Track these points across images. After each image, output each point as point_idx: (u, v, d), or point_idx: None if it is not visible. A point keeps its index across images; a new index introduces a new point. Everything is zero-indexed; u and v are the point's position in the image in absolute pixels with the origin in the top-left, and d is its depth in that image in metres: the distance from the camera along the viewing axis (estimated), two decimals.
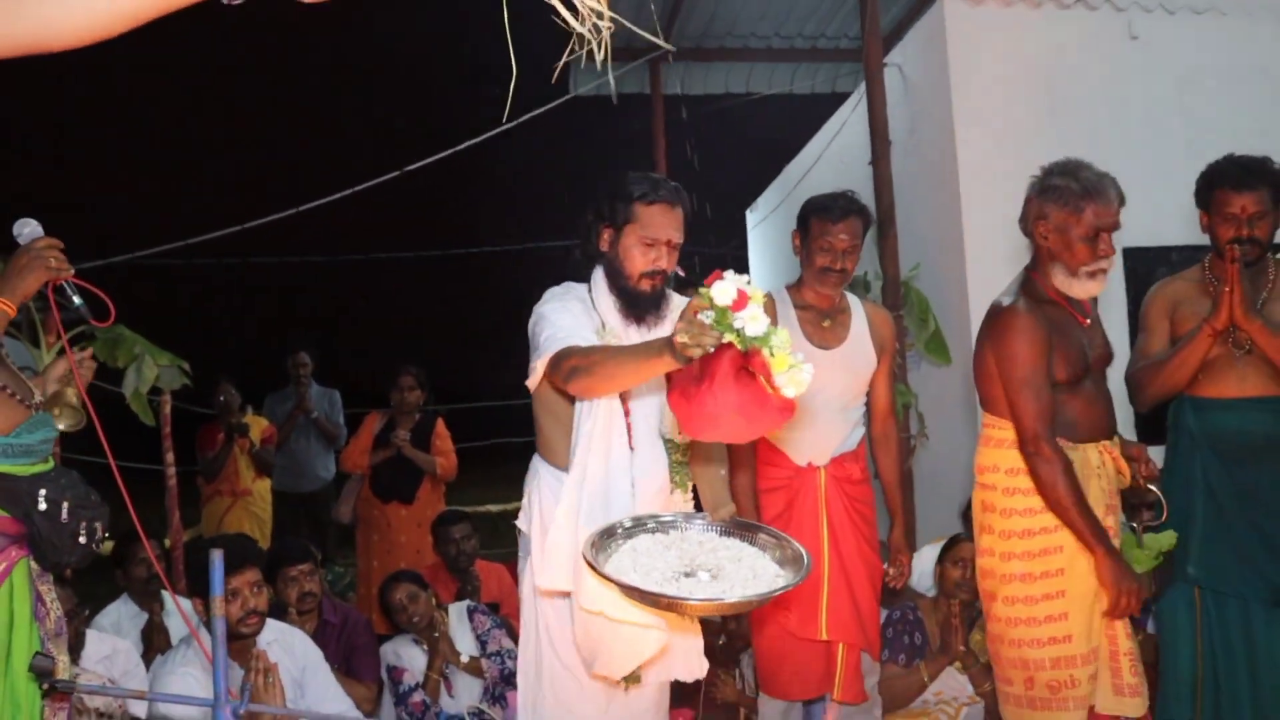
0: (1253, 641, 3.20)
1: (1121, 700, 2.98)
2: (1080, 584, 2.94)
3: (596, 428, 2.64)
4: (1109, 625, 3.00)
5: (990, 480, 3.07)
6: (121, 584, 4.59)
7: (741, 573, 2.43)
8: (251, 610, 3.41)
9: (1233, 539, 3.18)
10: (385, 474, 6.01)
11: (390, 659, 4.44)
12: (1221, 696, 3.22)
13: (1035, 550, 2.97)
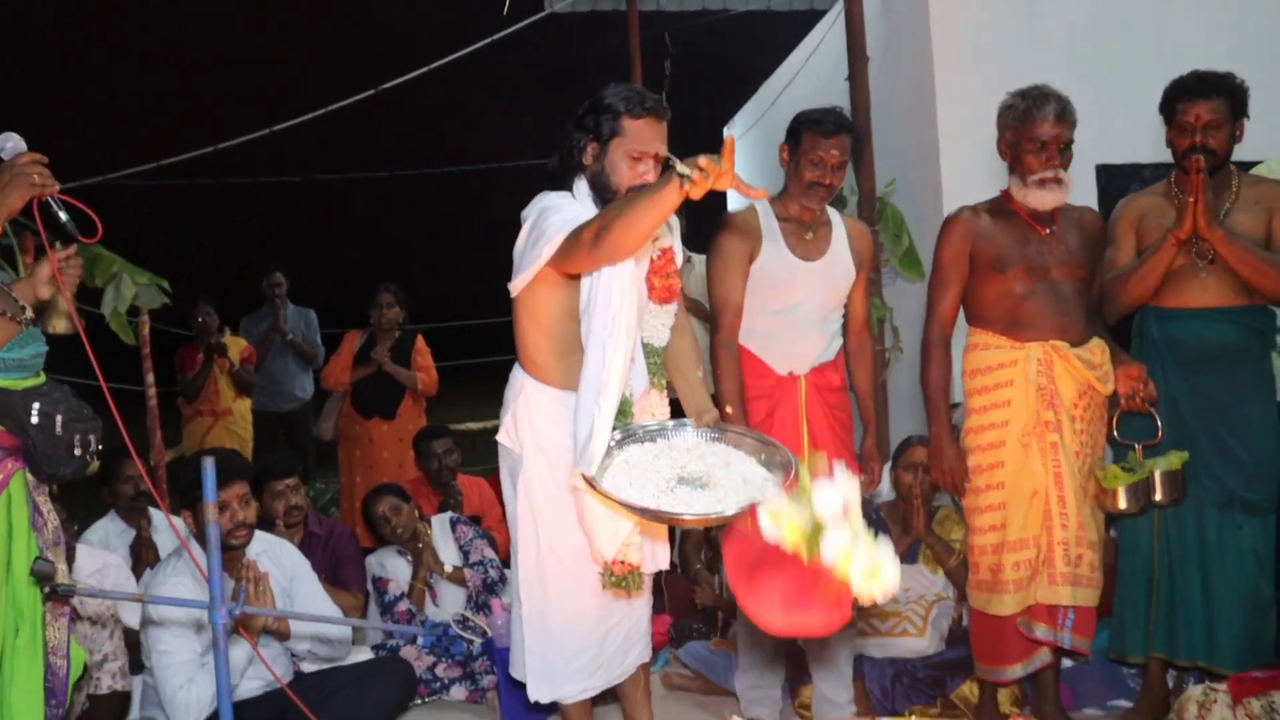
0: (1205, 542, 3.34)
1: (1055, 589, 3.24)
2: (1017, 479, 3.27)
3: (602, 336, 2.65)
4: (1045, 519, 3.25)
5: (964, 383, 3.38)
6: (108, 501, 4.66)
7: (732, 478, 2.52)
8: (240, 523, 3.48)
9: (1192, 446, 3.29)
10: (366, 390, 6.05)
11: (375, 570, 4.54)
12: (1175, 594, 3.37)
13: (983, 445, 3.33)
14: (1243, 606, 3.33)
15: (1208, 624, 3.34)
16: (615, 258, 2.55)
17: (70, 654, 2.77)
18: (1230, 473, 3.32)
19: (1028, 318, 3.27)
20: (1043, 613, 3.27)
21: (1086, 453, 3.28)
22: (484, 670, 4.14)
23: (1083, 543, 3.23)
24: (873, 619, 3.82)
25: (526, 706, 3.71)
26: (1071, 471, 3.23)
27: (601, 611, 2.95)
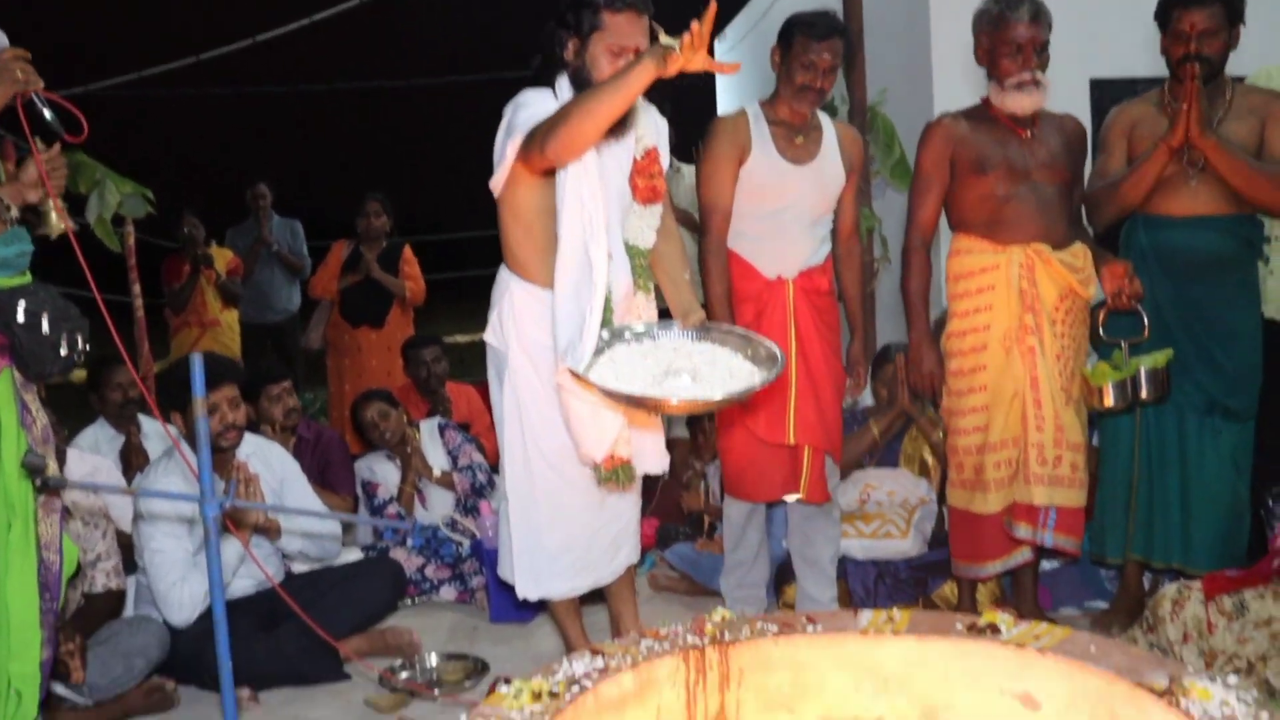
0: (1185, 448, 3.40)
1: (1030, 489, 3.32)
2: (999, 382, 3.32)
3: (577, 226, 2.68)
4: (1023, 420, 3.30)
5: (947, 289, 3.41)
6: (97, 408, 4.66)
7: (719, 373, 2.55)
8: (230, 425, 3.50)
9: (1175, 353, 3.32)
10: (354, 299, 6.05)
11: (364, 474, 4.58)
12: (1154, 498, 3.43)
13: (965, 349, 3.38)
14: (1219, 511, 3.40)
15: (1184, 527, 3.41)
16: (570, 149, 2.53)
17: (63, 550, 2.80)
18: (1212, 380, 3.36)
19: (1009, 220, 3.30)
20: (1024, 512, 3.33)
21: (1068, 356, 3.31)
22: (473, 571, 4.20)
23: (1061, 444, 3.28)
24: (856, 520, 3.88)
25: (515, 606, 3.78)
26: (1049, 375, 3.27)
27: (588, 510, 2.99)
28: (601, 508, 3.02)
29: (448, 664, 3.57)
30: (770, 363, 2.56)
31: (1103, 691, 1.83)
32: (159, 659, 3.41)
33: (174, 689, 3.38)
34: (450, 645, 3.77)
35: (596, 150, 2.72)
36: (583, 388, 2.60)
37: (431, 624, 3.97)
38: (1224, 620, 2.90)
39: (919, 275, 3.43)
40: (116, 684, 3.29)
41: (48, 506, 2.68)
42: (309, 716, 3.26)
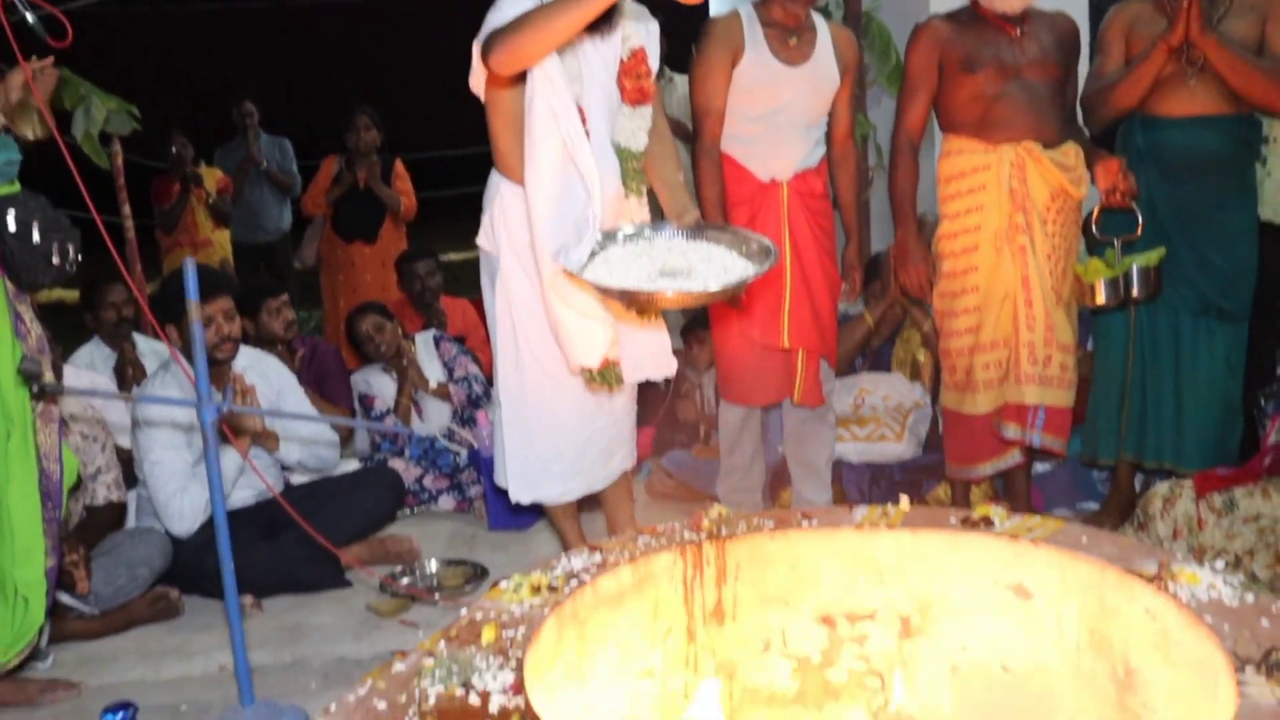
0: (1179, 349, 3.42)
1: (1021, 389, 3.34)
2: (991, 283, 3.33)
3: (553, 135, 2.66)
4: (1014, 321, 3.31)
5: (938, 191, 3.42)
6: (91, 327, 4.67)
7: (713, 269, 2.55)
8: (225, 336, 3.50)
9: (1171, 254, 3.32)
10: (347, 214, 6.01)
11: (361, 387, 4.59)
12: (1147, 398, 3.46)
13: (957, 250, 3.38)
14: (1212, 411, 3.43)
15: (1177, 427, 3.44)
16: (513, 62, 2.50)
17: (63, 460, 2.83)
18: (1207, 281, 3.37)
19: (1000, 118, 3.28)
20: (1013, 413, 3.36)
21: (1059, 256, 3.31)
22: (470, 481, 4.24)
23: (1052, 344, 3.30)
24: (851, 424, 3.91)
25: (513, 513, 3.83)
26: (1040, 275, 3.27)
27: (581, 415, 3.01)
28: (595, 412, 3.03)
29: (447, 569, 3.62)
30: (764, 256, 2.55)
31: (1093, 579, 1.86)
32: (162, 568, 3.45)
33: (178, 597, 3.43)
34: (449, 553, 3.82)
35: (561, 56, 2.67)
36: (578, 286, 2.61)
37: (430, 533, 4.02)
38: (1214, 517, 2.95)
39: (906, 176, 3.42)
40: (121, 593, 3.34)
41: (46, 416, 2.69)
42: (311, 622, 3.32)
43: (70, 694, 2.90)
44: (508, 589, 1.86)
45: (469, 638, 1.68)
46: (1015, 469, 3.50)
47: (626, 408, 3.17)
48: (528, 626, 1.71)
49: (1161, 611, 1.70)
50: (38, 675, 3.02)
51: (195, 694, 2.87)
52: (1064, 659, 1.93)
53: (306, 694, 2.79)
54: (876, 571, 2.10)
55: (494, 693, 1.48)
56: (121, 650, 3.21)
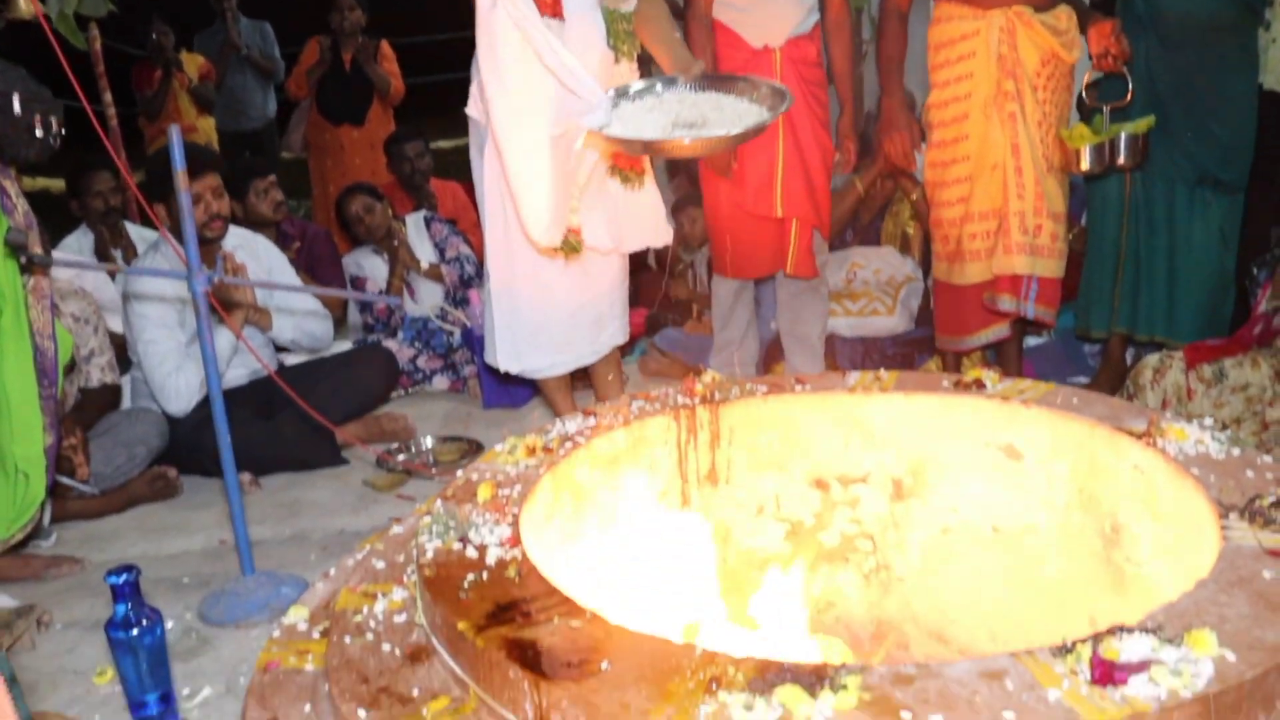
0: (1174, 220, 3.40)
1: (1011, 259, 3.31)
2: (981, 151, 3.28)
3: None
4: (1004, 189, 3.28)
5: (928, 59, 3.36)
6: (78, 214, 4.62)
7: (725, 117, 2.55)
8: (215, 215, 3.45)
9: (1168, 123, 3.28)
10: (334, 97, 5.91)
11: (352, 269, 4.57)
12: (1140, 270, 3.46)
13: (947, 119, 3.33)
14: (1205, 283, 3.43)
15: (1169, 299, 3.45)
16: None
17: (57, 337, 2.82)
18: (1204, 150, 3.33)
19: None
20: (1006, 284, 3.35)
21: (1050, 123, 3.26)
22: (464, 361, 4.25)
23: (1042, 213, 3.27)
24: (843, 299, 3.91)
25: (507, 392, 3.85)
26: (1030, 142, 3.23)
27: (570, 287, 3.01)
28: (584, 283, 3.04)
29: (443, 445, 3.65)
30: (778, 99, 2.55)
31: (1083, 438, 1.88)
32: (159, 448, 3.47)
33: (176, 477, 3.45)
34: (444, 431, 3.84)
35: None
36: (599, 142, 2.63)
37: (425, 412, 4.04)
38: (1203, 387, 2.96)
39: (893, 44, 3.36)
40: (120, 472, 3.36)
41: (37, 293, 2.67)
42: (309, 498, 3.35)
43: (74, 569, 2.94)
44: (503, 451, 1.88)
45: (465, 496, 1.70)
46: (1007, 342, 3.51)
47: (618, 281, 3.17)
48: (523, 485, 1.73)
49: (1150, 466, 1.72)
50: (42, 552, 3.06)
51: (197, 567, 2.91)
52: (1053, 518, 1.96)
53: (306, 565, 2.83)
54: (869, 435, 2.12)
55: (491, 545, 1.50)
56: (123, 528, 3.24)
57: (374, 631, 1.49)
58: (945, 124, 3.35)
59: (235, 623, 2.50)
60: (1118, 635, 1.12)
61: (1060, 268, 3.33)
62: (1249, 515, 1.44)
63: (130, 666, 1.99)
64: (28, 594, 2.76)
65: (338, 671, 1.40)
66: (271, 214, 4.39)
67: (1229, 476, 1.58)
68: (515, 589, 1.37)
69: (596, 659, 1.18)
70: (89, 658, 2.42)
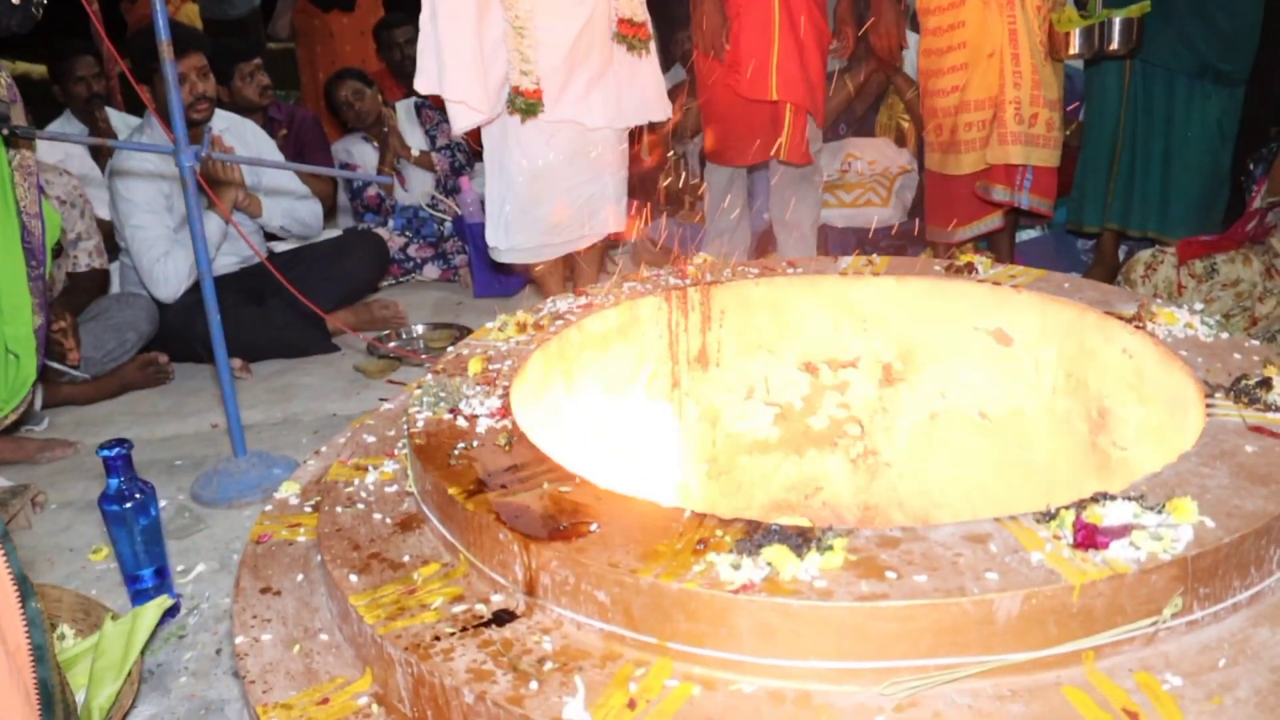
0: (1172, 113, 3.36)
1: (1006, 149, 3.29)
2: (979, 38, 3.24)
3: None
4: (1000, 78, 3.24)
5: None
6: (62, 101, 4.53)
7: None
8: (200, 95, 3.39)
9: (1171, 11, 3.22)
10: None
11: (342, 156, 4.52)
12: (1136, 165, 3.43)
13: (944, 5, 3.28)
14: (1200, 178, 3.41)
15: (1164, 195, 3.43)
16: None
17: (44, 217, 2.79)
18: (1208, 41, 3.28)
19: None
20: (1000, 174, 3.33)
21: (1048, 9, 3.20)
22: (455, 250, 4.23)
23: (1038, 101, 3.23)
24: (837, 189, 3.88)
25: (498, 280, 3.84)
26: (1028, 28, 3.18)
27: (562, 165, 2.99)
28: (579, 164, 3.02)
29: (433, 332, 3.65)
30: None
31: (1073, 322, 1.88)
32: (149, 333, 3.47)
33: (167, 362, 3.45)
34: (435, 319, 3.84)
35: None
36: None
37: (416, 300, 4.03)
38: (1194, 282, 2.97)
39: None
40: (110, 357, 3.36)
41: (23, 170, 2.64)
42: (300, 383, 3.36)
43: (67, 451, 2.96)
44: (494, 328, 1.88)
45: (456, 370, 1.71)
46: (999, 233, 3.50)
47: (616, 164, 3.15)
48: (514, 360, 1.73)
49: (1138, 350, 1.73)
50: (35, 436, 3.08)
51: (189, 449, 2.93)
52: (1040, 403, 1.97)
53: (298, 448, 2.85)
54: (860, 318, 2.12)
55: (481, 416, 1.51)
56: (115, 413, 3.26)
57: (365, 502, 1.51)
58: (941, 10, 3.29)
59: (228, 502, 2.53)
60: (1101, 502, 1.13)
61: (1056, 157, 3.30)
62: (1234, 394, 1.45)
63: (125, 541, 2.01)
64: (22, 475, 2.78)
65: (329, 539, 1.42)
66: (258, 98, 4.32)
67: (1216, 359, 1.59)
68: (505, 457, 1.38)
69: (585, 521, 1.20)
70: (84, 536, 2.45)
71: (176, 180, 3.25)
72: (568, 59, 2.93)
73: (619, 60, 3.06)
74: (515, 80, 2.89)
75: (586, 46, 2.93)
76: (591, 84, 2.98)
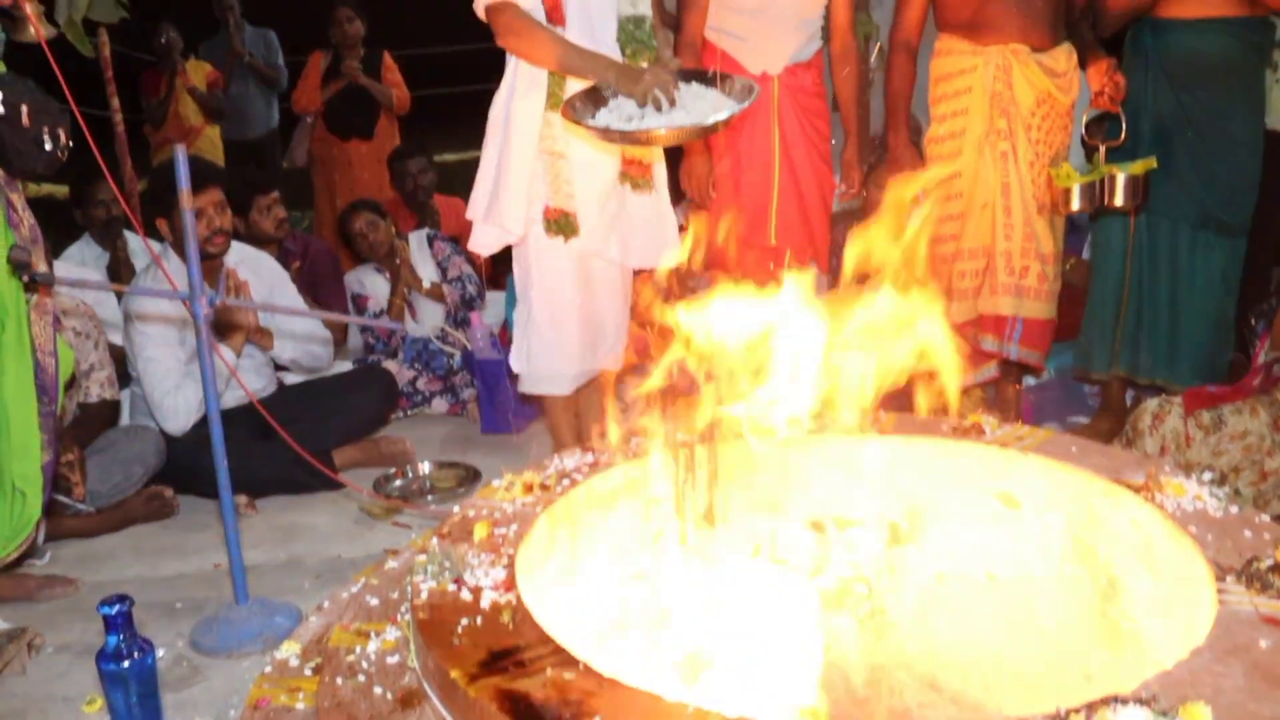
0: (1177, 262, 3.40)
1: (996, 299, 3.33)
2: (974, 189, 3.29)
3: None
4: (992, 228, 3.29)
5: (930, 92, 3.38)
6: (81, 224, 4.62)
7: (701, 107, 2.64)
8: (217, 230, 3.45)
9: (1172, 164, 3.28)
10: (341, 111, 5.87)
11: (354, 287, 4.57)
12: (1143, 313, 3.45)
13: (944, 154, 3.34)
14: (1206, 327, 3.42)
15: (1170, 343, 3.44)
16: (514, 52, 2.88)
17: (58, 353, 2.81)
18: (1209, 192, 3.33)
19: (990, 19, 3.20)
20: (991, 324, 3.36)
21: (1043, 164, 3.25)
22: (464, 384, 4.25)
23: (1030, 254, 3.27)
24: None
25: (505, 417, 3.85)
26: (1020, 182, 3.23)
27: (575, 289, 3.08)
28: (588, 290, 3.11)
29: (440, 472, 3.65)
30: (746, 93, 2.67)
31: (1081, 489, 1.88)
32: (157, 466, 3.46)
33: (173, 496, 3.44)
34: (442, 456, 3.83)
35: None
36: (580, 133, 2.78)
37: (424, 435, 4.03)
38: (1201, 434, 2.96)
39: (900, 79, 3.36)
40: (117, 490, 3.35)
41: (40, 309, 2.67)
42: (305, 523, 3.34)
43: (68, 589, 2.93)
44: (500, 487, 1.88)
45: (461, 535, 1.70)
46: (1004, 381, 3.51)
47: (619, 294, 3.22)
48: (520, 524, 1.72)
49: (1147, 522, 1.72)
50: (36, 571, 3.05)
51: (191, 591, 2.90)
52: (1049, 568, 1.96)
53: (300, 593, 2.82)
54: (867, 478, 2.12)
55: (485, 589, 1.50)
56: (118, 548, 3.23)
57: (366, 673, 1.49)
58: (942, 158, 3.35)
59: (227, 652, 2.49)
60: (1112, 706, 1.12)
61: (1047, 309, 3.33)
62: (1246, 579, 1.44)
63: (120, 699, 1.98)
64: (20, 614, 2.75)
65: (329, 714, 1.40)
66: (274, 231, 4.40)
67: (1227, 536, 1.58)
68: (509, 636, 1.37)
69: (588, 713, 1.18)
70: (79, 684, 2.41)
71: (189, 318, 3.29)
72: (601, 191, 3.03)
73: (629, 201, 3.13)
74: (553, 201, 2.98)
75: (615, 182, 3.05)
76: (615, 219, 3.08)
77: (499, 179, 2.98)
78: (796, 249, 3.33)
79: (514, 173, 2.97)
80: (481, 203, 3.04)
